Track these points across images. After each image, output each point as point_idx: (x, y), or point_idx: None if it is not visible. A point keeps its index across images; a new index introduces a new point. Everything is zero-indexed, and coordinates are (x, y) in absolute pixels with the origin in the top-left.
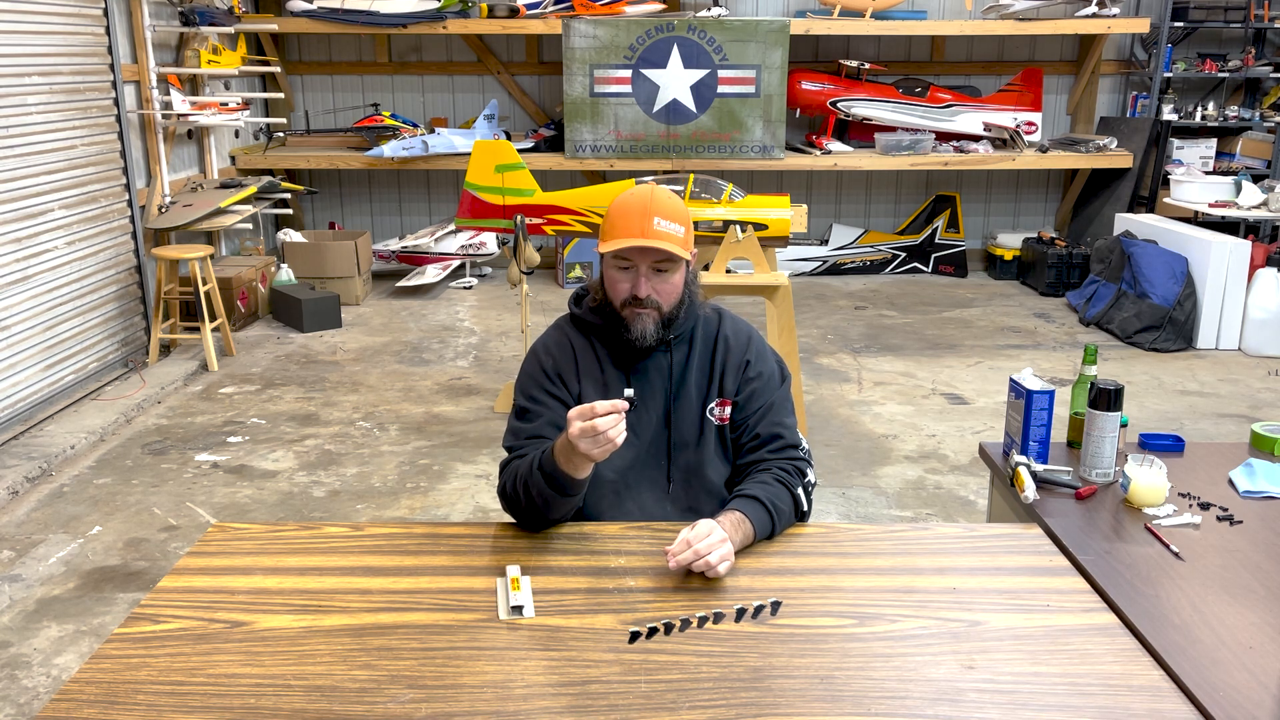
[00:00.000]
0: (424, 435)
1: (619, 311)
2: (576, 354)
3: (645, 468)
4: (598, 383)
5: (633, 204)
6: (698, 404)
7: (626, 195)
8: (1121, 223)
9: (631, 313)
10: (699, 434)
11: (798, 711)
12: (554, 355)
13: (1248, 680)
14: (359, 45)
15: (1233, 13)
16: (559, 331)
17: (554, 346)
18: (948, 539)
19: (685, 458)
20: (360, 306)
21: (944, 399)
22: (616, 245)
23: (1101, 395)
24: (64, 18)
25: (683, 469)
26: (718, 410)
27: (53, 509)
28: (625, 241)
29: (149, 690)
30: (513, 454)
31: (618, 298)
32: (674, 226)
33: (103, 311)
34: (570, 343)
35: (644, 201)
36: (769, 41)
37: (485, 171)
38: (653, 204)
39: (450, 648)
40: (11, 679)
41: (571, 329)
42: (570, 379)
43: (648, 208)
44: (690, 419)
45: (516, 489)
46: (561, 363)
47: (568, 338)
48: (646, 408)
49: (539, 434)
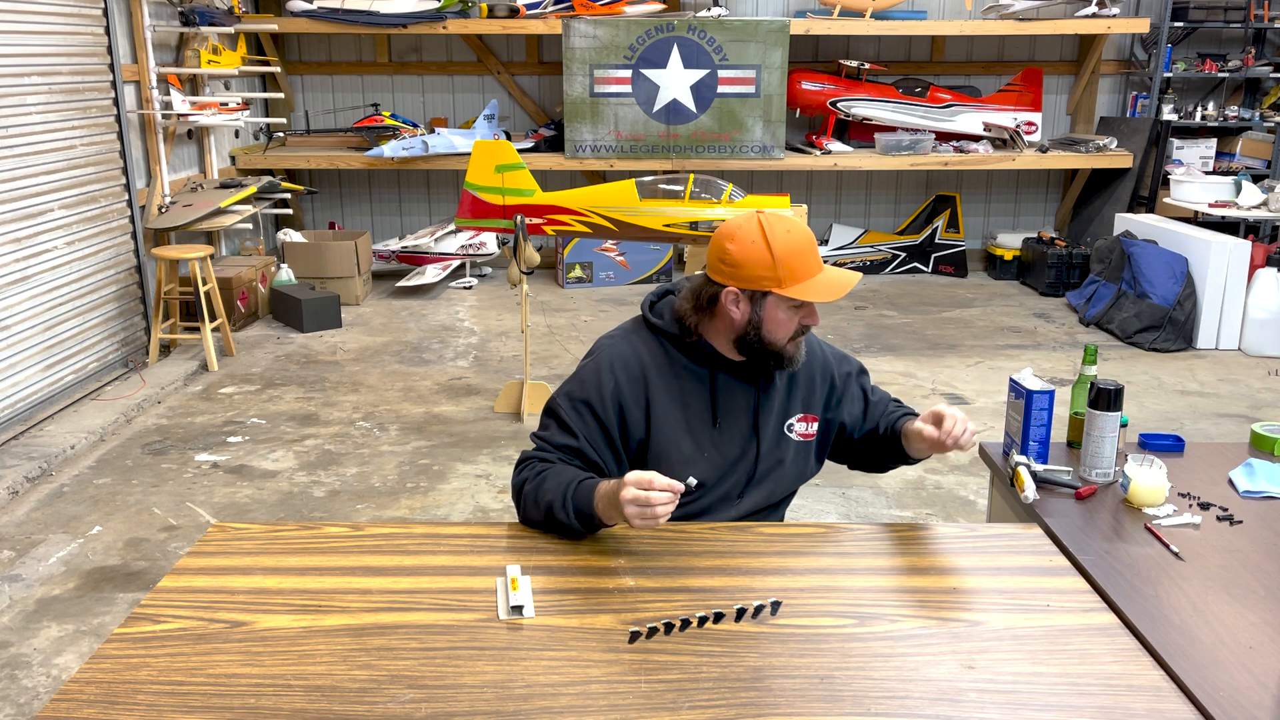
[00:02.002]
0: (424, 435)
1: (783, 348)
2: (648, 376)
3: (723, 480)
4: (674, 397)
5: (803, 240)
6: (778, 418)
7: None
8: (1121, 223)
9: (795, 344)
10: (776, 447)
11: (798, 711)
12: (619, 379)
13: (1248, 680)
14: (359, 45)
15: (1233, 13)
16: (630, 346)
17: (621, 367)
18: (948, 539)
19: (763, 468)
20: (360, 306)
21: (944, 399)
22: (832, 293)
23: (1101, 395)
24: (64, 18)
25: (757, 480)
26: (799, 426)
27: (53, 509)
28: (835, 287)
29: (149, 690)
30: (537, 453)
31: (786, 335)
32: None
33: (103, 311)
34: (642, 361)
35: (807, 236)
36: (769, 41)
37: (485, 171)
38: (810, 236)
39: (450, 648)
40: (11, 679)
41: (647, 336)
42: (633, 406)
43: (812, 240)
44: (771, 433)
45: (536, 500)
46: (626, 388)
47: (639, 354)
48: (731, 422)
49: (571, 446)
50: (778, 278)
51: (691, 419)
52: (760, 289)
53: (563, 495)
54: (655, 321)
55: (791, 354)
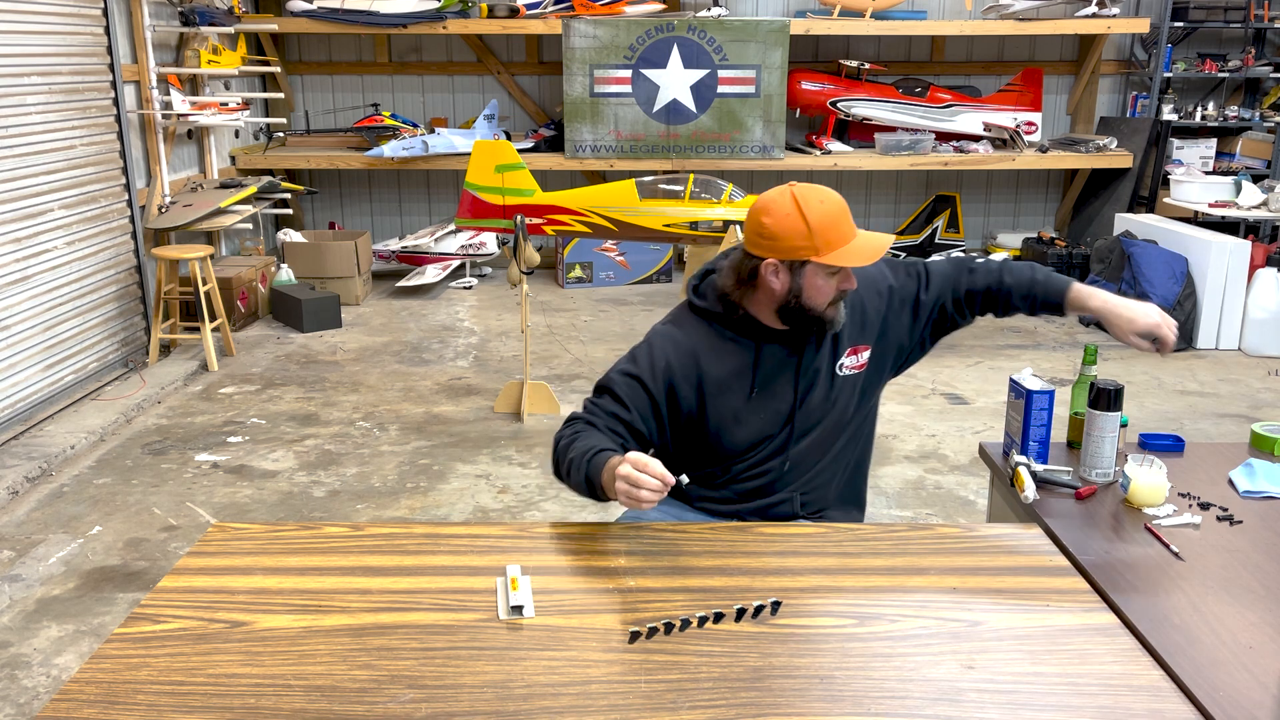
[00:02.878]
0: (424, 435)
1: (823, 313)
2: (698, 355)
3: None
4: (724, 372)
5: (837, 209)
6: (828, 364)
7: (818, 204)
8: (1121, 223)
9: (834, 308)
10: (827, 395)
11: (798, 711)
12: (670, 358)
13: (1248, 680)
14: (359, 45)
15: (1233, 13)
16: (680, 329)
17: (672, 348)
18: (948, 539)
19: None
20: (360, 306)
21: (944, 399)
22: (865, 257)
23: (1101, 395)
24: (64, 18)
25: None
26: (849, 362)
27: (53, 509)
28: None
29: (149, 690)
30: (584, 415)
31: (824, 299)
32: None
33: (103, 311)
34: (691, 342)
35: (841, 204)
36: (769, 41)
37: (485, 171)
38: (843, 204)
39: (450, 648)
40: (11, 679)
41: (695, 321)
42: (683, 383)
43: (845, 208)
44: (822, 384)
45: (566, 457)
46: (678, 368)
47: (688, 336)
48: (778, 385)
49: (620, 416)
50: (814, 246)
51: (743, 387)
52: (798, 259)
53: (582, 459)
54: (699, 304)
55: (831, 317)
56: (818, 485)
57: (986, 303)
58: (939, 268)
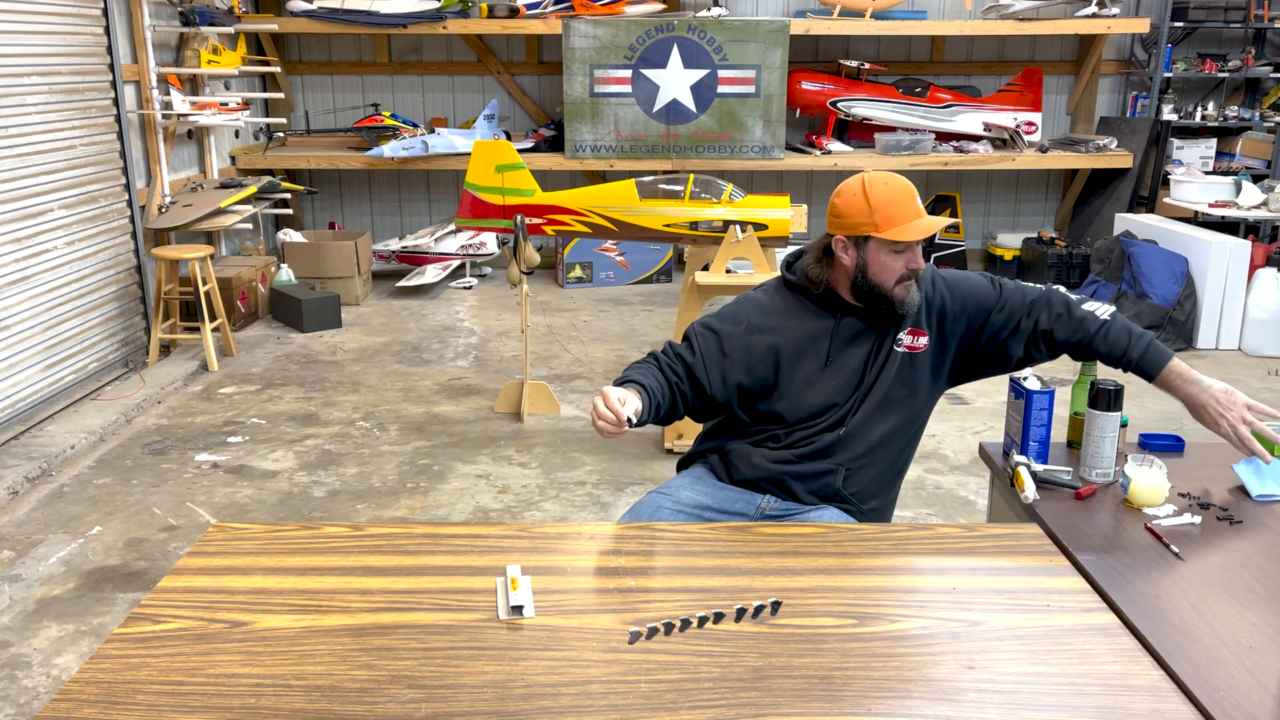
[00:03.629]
0: (424, 435)
1: (891, 291)
2: (782, 309)
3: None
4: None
5: (900, 191)
6: (890, 339)
7: (881, 184)
8: (1121, 223)
9: (904, 287)
10: (883, 370)
11: (798, 711)
12: (754, 312)
13: (1248, 680)
14: (359, 45)
15: (1233, 13)
16: (767, 296)
17: (757, 312)
18: (948, 539)
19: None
20: (360, 306)
21: (944, 399)
22: (916, 233)
23: (1101, 395)
24: (64, 18)
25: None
26: (906, 339)
27: (53, 509)
28: (920, 227)
29: (149, 690)
30: (656, 353)
31: (892, 277)
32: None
33: (103, 311)
34: (777, 308)
35: (906, 187)
36: (769, 41)
37: (485, 171)
38: (909, 187)
39: (450, 648)
40: (11, 679)
41: (783, 291)
42: (772, 332)
43: (912, 192)
44: (879, 364)
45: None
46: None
47: (774, 302)
48: (848, 356)
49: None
50: (875, 223)
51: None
52: (861, 234)
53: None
54: (790, 278)
55: (901, 297)
56: (862, 466)
57: (1068, 350)
58: (1028, 294)
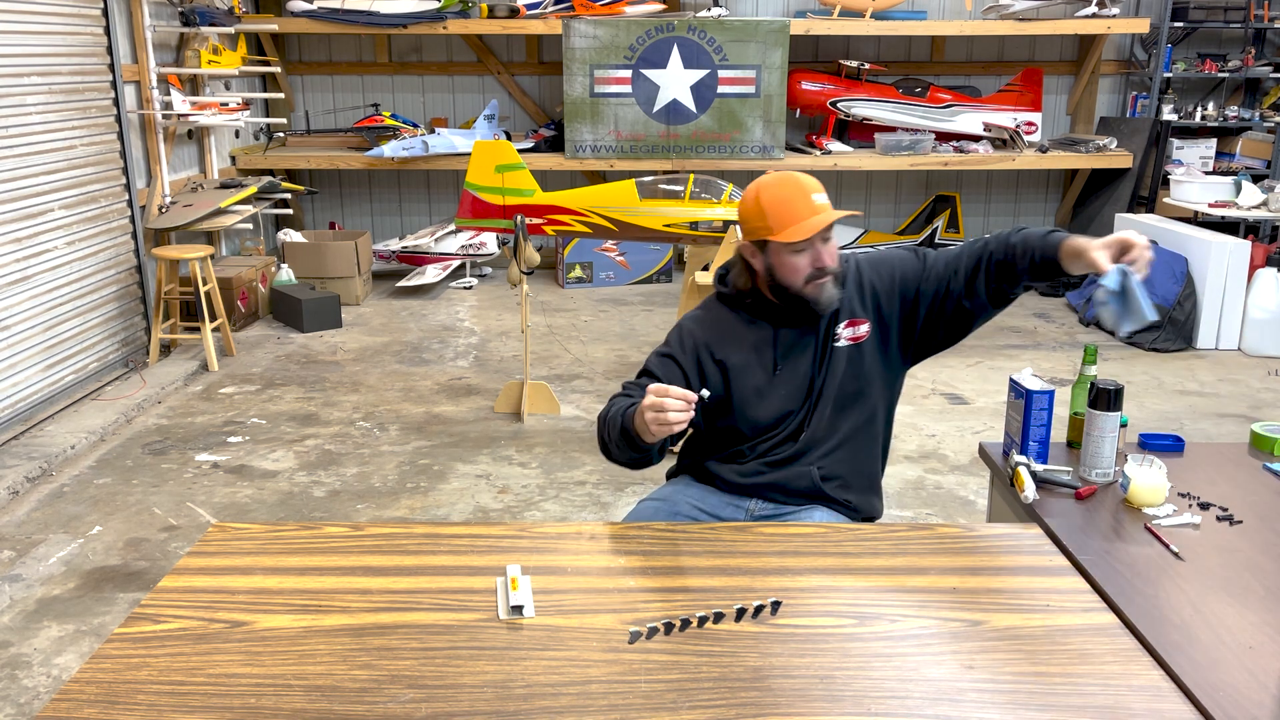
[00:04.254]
0: (424, 435)
1: (802, 290)
2: (723, 327)
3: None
4: (747, 349)
5: (790, 190)
6: (827, 340)
7: (773, 185)
8: (1121, 223)
9: (815, 286)
10: (830, 369)
11: (798, 711)
12: (697, 331)
13: (1248, 680)
14: (359, 45)
15: (1233, 13)
16: (706, 313)
17: (700, 329)
18: (948, 539)
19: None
20: (360, 306)
21: (944, 399)
22: (806, 231)
23: (1101, 395)
24: (64, 18)
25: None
26: (845, 332)
27: (53, 509)
28: (812, 225)
29: (149, 690)
30: (622, 391)
31: (799, 277)
32: (824, 197)
33: (103, 311)
34: (717, 324)
35: (798, 185)
36: (769, 41)
37: (485, 171)
38: (805, 184)
39: (450, 648)
40: (11, 679)
41: (719, 307)
42: (717, 347)
43: (804, 188)
44: (823, 363)
45: (605, 423)
46: (707, 336)
47: (714, 318)
48: (796, 358)
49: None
50: (769, 226)
51: (766, 364)
52: (760, 238)
53: (617, 415)
54: (724, 290)
55: (814, 296)
56: (832, 461)
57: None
58: (947, 253)
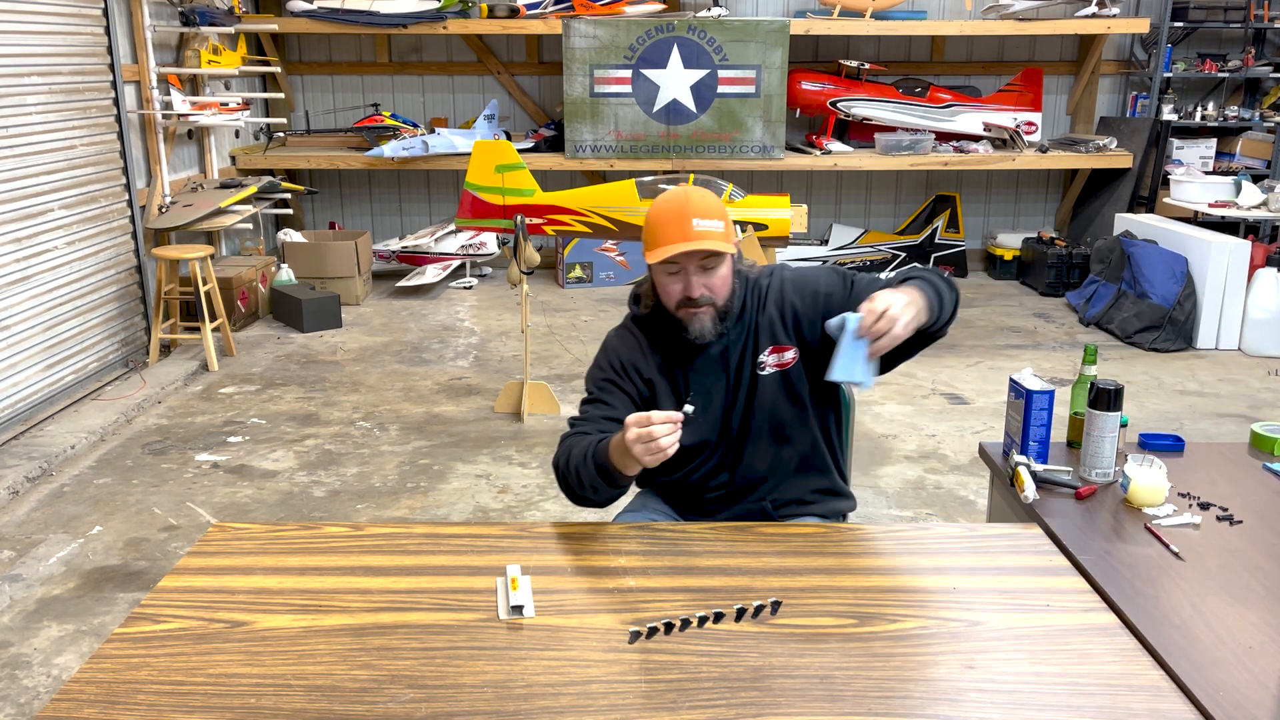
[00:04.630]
0: (424, 435)
1: (676, 314)
2: (643, 347)
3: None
4: (664, 373)
5: (670, 209)
6: (750, 364)
7: (662, 201)
8: (1121, 223)
9: (687, 313)
10: (755, 398)
11: (798, 711)
12: (623, 350)
13: (1248, 680)
14: (359, 45)
15: (1233, 13)
16: (626, 330)
17: (622, 343)
18: (948, 539)
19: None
20: (360, 306)
21: (944, 399)
22: (662, 254)
23: (1101, 395)
24: (64, 18)
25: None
26: (770, 359)
27: (53, 509)
28: (670, 249)
29: (149, 690)
30: (573, 429)
31: (671, 301)
32: (713, 223)
33: (103, 311)
34: (636, 338)
35: (680, 205)
36: (769, 41)
37: (485, 171)
38: (688, 206)
39: (450, 648)
40: (11, 679)
41: (634, 327)
42: (643, 367)
43: (684, 210)
44: (749, 383)
45: (569, 467)
46: (631, 355)
47: (634, 337)
48: (711, 400)
49: (601, 416)
50: (646, 241)
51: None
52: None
53: (584, 458)
54: (636, 312)
55: (686, 321)
56: (784, 490)
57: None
58: (872, 280)
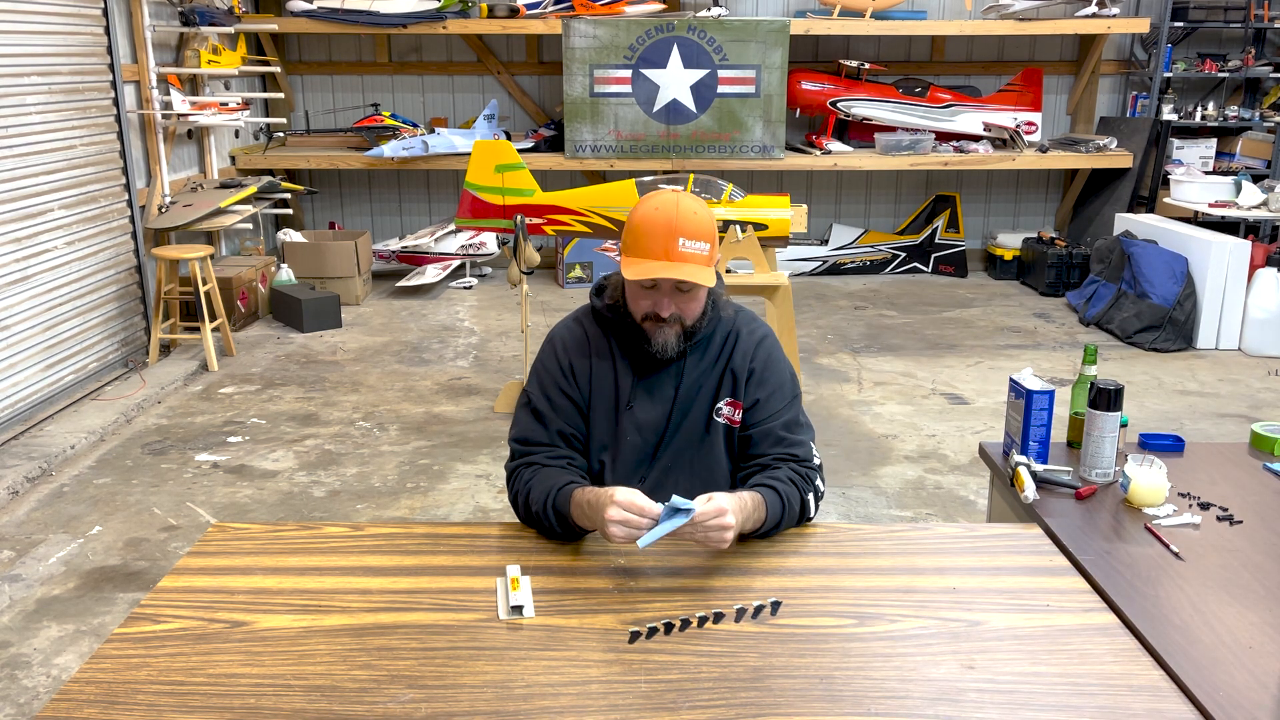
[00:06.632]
0: (424, 435)
1: (640, 323)
2: (591, 346)
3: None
4: (609, 375)
5: (658, 222)
6: (707, 403)
7: (650, 209)
8: (1121, 223)
9: (653, 326)
10: (704, 433)
11: (798, 711)
12: (569, 349)
13: (1248, 680)
14: (359, 45)
15: (1233, 13)
16: (577, 324)
17: (570, 340)
18: (948, 539)
19: (681, 456)
20: (360, 306)
21: (944, 399)
22: (640, 273)
23: (1101, 395)
24: (63, 18)
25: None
26: (726, 410)
27: (53, 509)
28: (649, 268)
29: (149, 690)
30: (519, 458)
31: (639, 312)
32: (700, 246)
33: (103, 311)
34: (586, 335)
35: (669, 220)
36: (769, 41)
37: (485, 171)
38: (678, 222)
39: (450, 648)
40: (11, 679)
41: (590, 321)
42: (582, 374)
43: (672, 226)
44: (697, 419)
45: (530, 512)
46: (575, 357)
47: (584, 329)
48: (652, 403)
49: (550, 442)
50: (624, 245)
51: (623, 395)
52: (622, 255)
53: (544, 507)
54: (598, 306)
55: (650, 332)
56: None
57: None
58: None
